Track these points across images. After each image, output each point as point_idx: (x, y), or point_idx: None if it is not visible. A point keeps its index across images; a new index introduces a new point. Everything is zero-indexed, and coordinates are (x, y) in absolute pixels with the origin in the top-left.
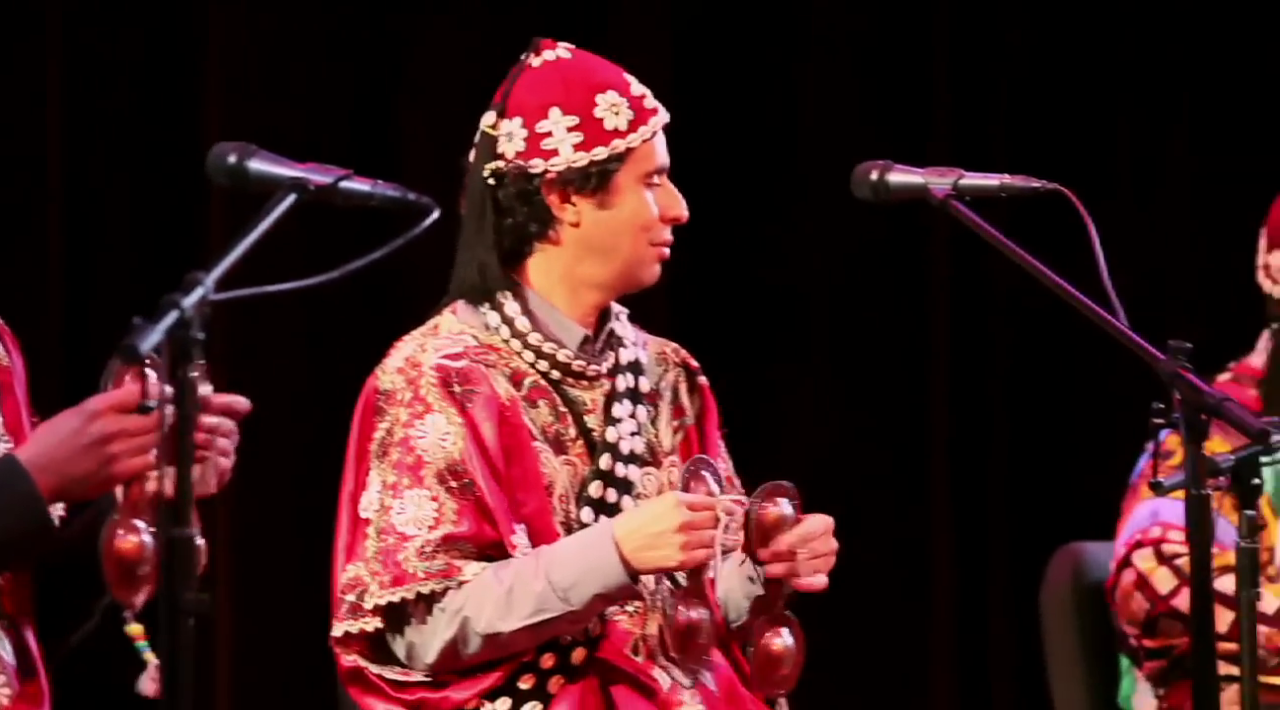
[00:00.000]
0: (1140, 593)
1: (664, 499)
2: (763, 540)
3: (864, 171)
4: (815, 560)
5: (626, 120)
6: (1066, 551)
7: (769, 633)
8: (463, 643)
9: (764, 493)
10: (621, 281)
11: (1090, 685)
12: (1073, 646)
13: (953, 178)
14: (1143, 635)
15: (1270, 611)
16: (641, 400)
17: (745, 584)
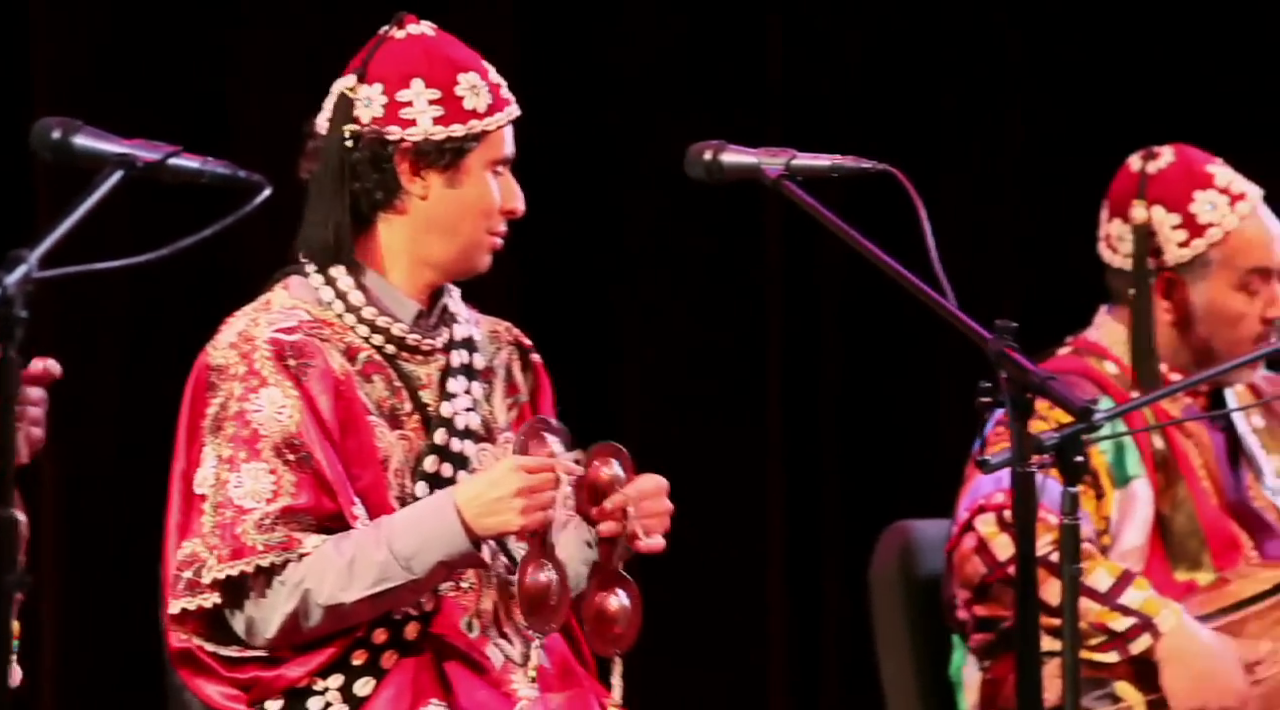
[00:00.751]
0: (979, 557)
1: (502, 464)
2: (595, 501)
3: (697, 152)
4: (649, 519)
5: (486, 103)
6: (895, 529)
7: (604, 592)
8: (304, 616)
9: (595, 453)
10: (458, 264)
11: (918, 661)
12: (901, 623)
13: (785, 158)
14: (974, 600)
15: (1102, 589)
16: (476, 376)
17: (583, 549)
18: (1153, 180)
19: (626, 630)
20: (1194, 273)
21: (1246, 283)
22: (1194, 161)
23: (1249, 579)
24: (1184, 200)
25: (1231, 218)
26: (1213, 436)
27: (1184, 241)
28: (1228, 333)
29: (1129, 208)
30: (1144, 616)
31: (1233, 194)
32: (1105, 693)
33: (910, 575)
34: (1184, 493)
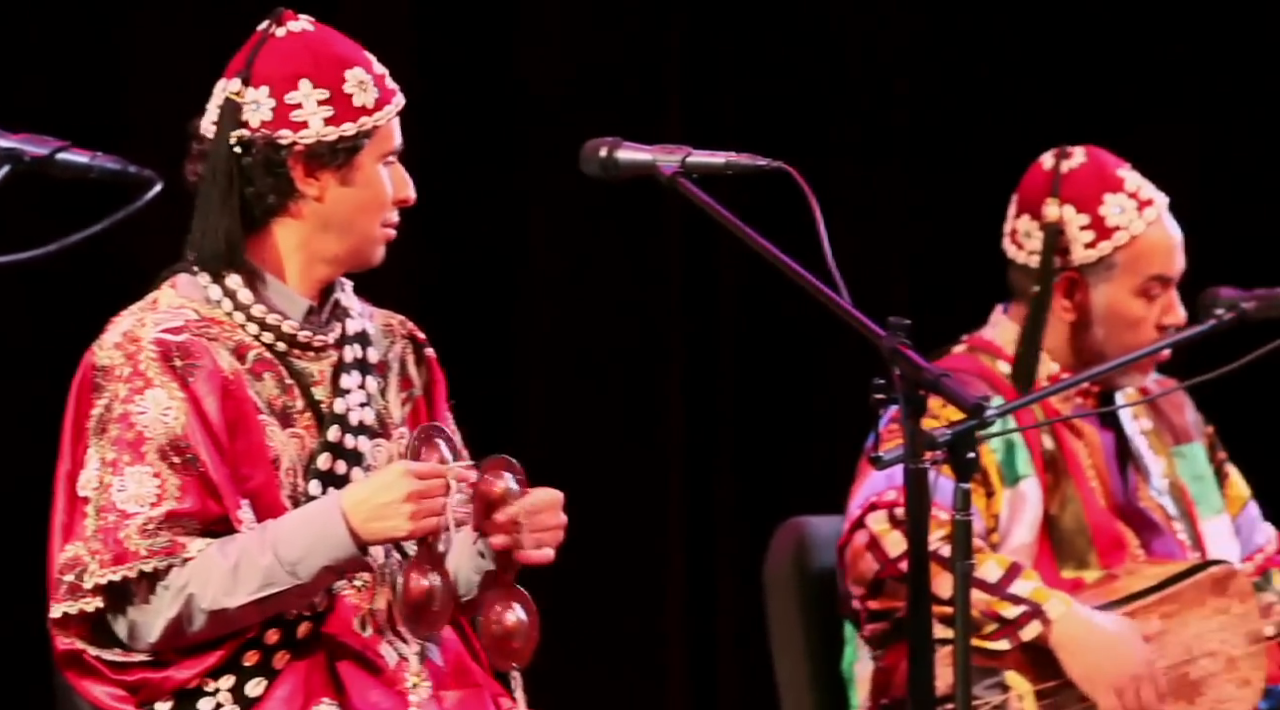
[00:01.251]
0: (871, 553)
1: (392, 468)
2: (487, 513)
3: (593, 148)
4: (542, 533)
5: (373, 98)
6: (790, 526)
7: (499, 606)
8: (187, 620)
9: (488, 466)
10: (353, 259)
11: (812, 656)
12: (795, 619)
13: (680, 155)
14: (868, 596)
15: (992, 580)
16: (370, 371)
17: (475, 558)
18: (1065, 179)
19: (524, 645)
20: (1098, 274)
21: (1147, 288)
22: (1105, 164)
23: (1135, 575)
24: (1094, 202)
25: (1139, 223)
26: (1102, 437)
27: (1091, 242)
28: (1124, 336)
29: (1041, 205)
30: (1033, 604)
31: (1141, 199)
32: (995, 681)
33: (804, 571)
34: (1072, 492)
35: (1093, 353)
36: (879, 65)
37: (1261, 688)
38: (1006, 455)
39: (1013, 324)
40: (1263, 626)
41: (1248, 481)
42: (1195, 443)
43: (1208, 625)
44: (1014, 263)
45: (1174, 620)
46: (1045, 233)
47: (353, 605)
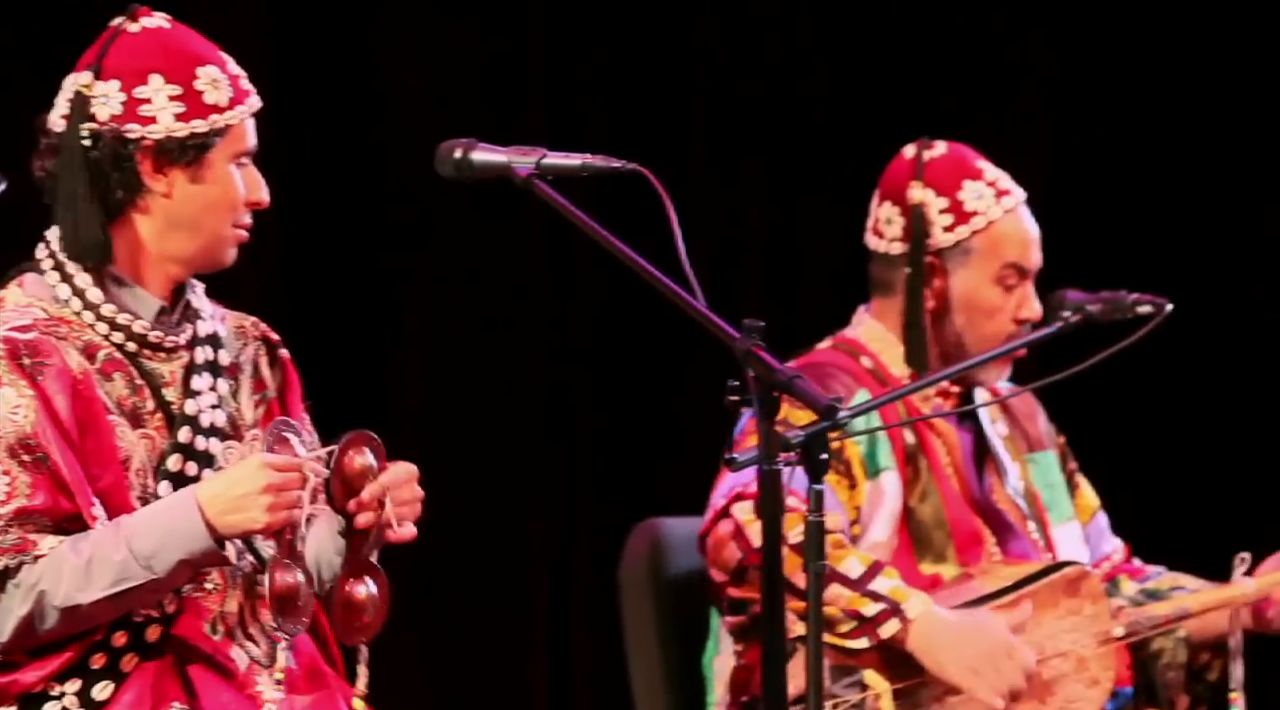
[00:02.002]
0: (735, 542)
1: (248, 462)
2: (347, 490)
3: (447, 150)
4: (401, 508)
5: (227, 97)
6: (645, 527)
7: (352, 581)
8: (39, 618)
9: (346, 442)
10: (203, 259)
11: (666, 656)
12: (650, 619)
13: (536, 157)
14: (730, 583)
15: (853, 576)
16: (222, 373)
17: (337, 541)
18: (928, 166)
19: (374, 619)
20: (955, 260)
21: (1003, 277)
22: (966, 155)
23: (991, 575)
24: (954, 187)
25: (996, 209)
26: (961, 436)
27: (950, 226)
28: (981, 326)
29: (904, 191)
30: (893, 602)
31: (999, 188)
32: (854, 680)
33: (660, 572)
34: (931, 486)
35: (952, 344)
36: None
37: (1109, 688)
38: (870, 448)
39: (876, 322)
40: (1113, 627)
41: (1095, 489)
42: (1048, 451)
43: (1060, 625)
44: (875, 254)
45: (1028, 620)
46: (912, 216)
47: (203, 607)
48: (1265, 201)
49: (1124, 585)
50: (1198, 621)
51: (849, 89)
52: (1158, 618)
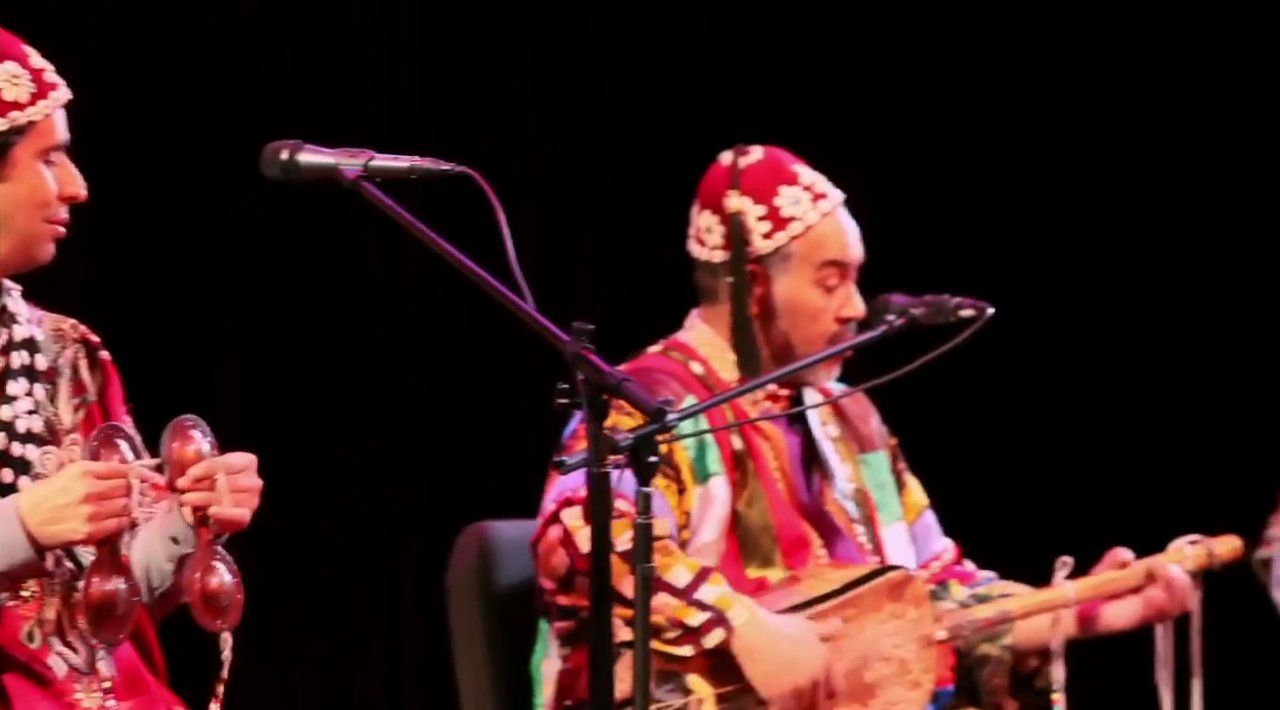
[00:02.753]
0: (564, 549)
1: (70, 469)
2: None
3: (273, 151)
4: (239, 495)
5: (28, 93)
6: (473, 531)
7: (204, 571)
8: None
9: (176, 429)
10: (17, 258)
11: (493, 659)
12: (477, 622)
13: (364, 159)
14: (558, 591)
15: (680, 585)
16: (39, 378)
17: (168, 546)
18: (744, 174)
19: (231, 605)
20: (776, 266)
21: (824, 278)
22: (782, 160)
23: (818, 578)
24: (770, 194)
25: (813, 213)
26: (789, 440)
27: (768, 233)
28: (805, 328)
29: (722, 199)
30: (718, 611)
31: (815, 192)
32: (677, 685)
33: (487, 576)
34: (759, 491)
35: (779, 346)
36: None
37: (931, 690)
38: (699, 453)
39: (705, 326)
40: (934, 631)
41: (927, 490)
42: (880, 452)
43: (884, 629)
44: (699, 261)
45: (853, 624)
46: (731, 224)
47: (20, 615)
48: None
49: (954, 590)
50: (1023, 628)
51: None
52: (979, 621)
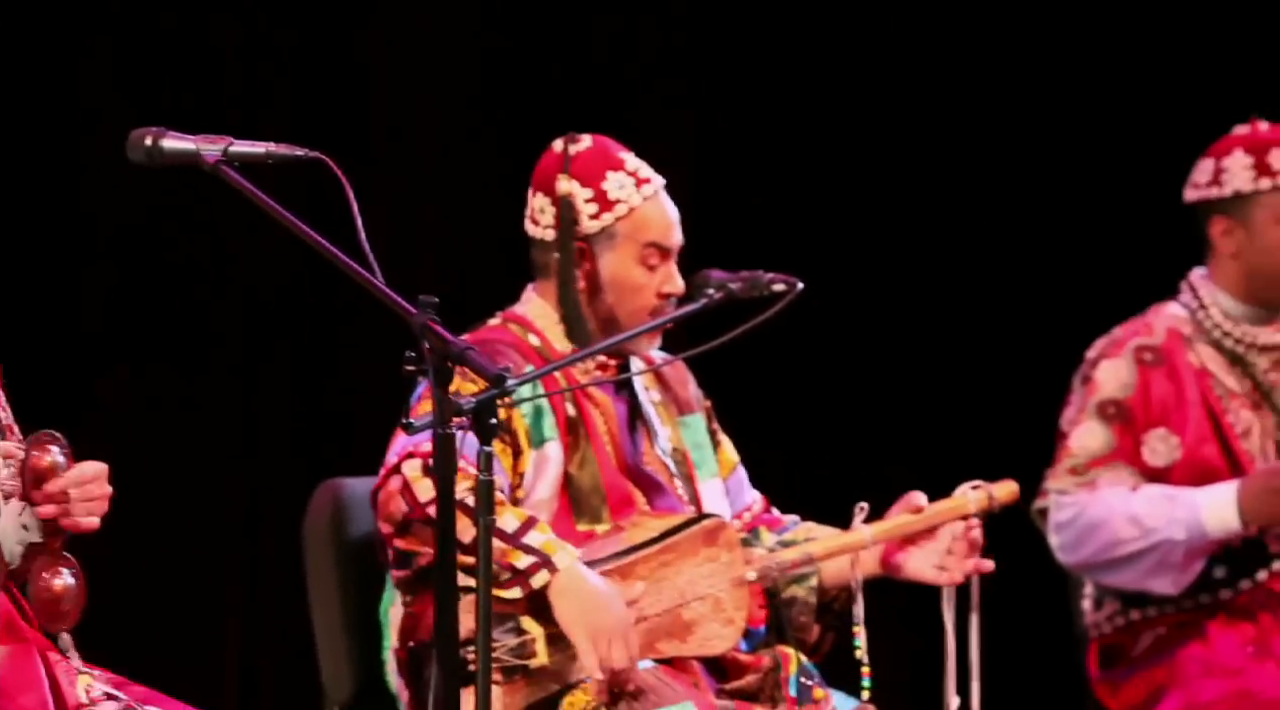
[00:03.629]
0: (402, 497)
1: None
2: (37, 485)
3: (138, 137)
4: (90, 503)
5: None
6: (327, 486)
7: (48, 573)
8: None
9: (34, 441)
10: None
11: (346, 605)
12: (331, 571)
13: (223, 145)
14: (395, 535)
15: (509, 530)
16: None
17: (19, 531)
18: (574, 160)
19: (73, 608)
20: (602, 244)
21: (645, 257)
22: (609, 148)
23: (640, 527)
24: (598, 178)
25: (637, 197)
26: (617, 405)
27: (595, 214)
28: (629, 302)
29: (553, 183)
30: (543, 555)
31: (640, 178)
32: (512, 626)
33: (340, 528)
34: (590, 455)
35: (605, 320)
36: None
37: (743, 626)
38: (535, 419)
39: (540, 300)
40: (745, 572)
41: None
42: (697, 414)
43: (699, 571)
44: (534, 240)
45: (671, 567)
46: (560, 206)
47: None
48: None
49: (764, 535)
50: (828, 569)
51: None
52: (786, 562)
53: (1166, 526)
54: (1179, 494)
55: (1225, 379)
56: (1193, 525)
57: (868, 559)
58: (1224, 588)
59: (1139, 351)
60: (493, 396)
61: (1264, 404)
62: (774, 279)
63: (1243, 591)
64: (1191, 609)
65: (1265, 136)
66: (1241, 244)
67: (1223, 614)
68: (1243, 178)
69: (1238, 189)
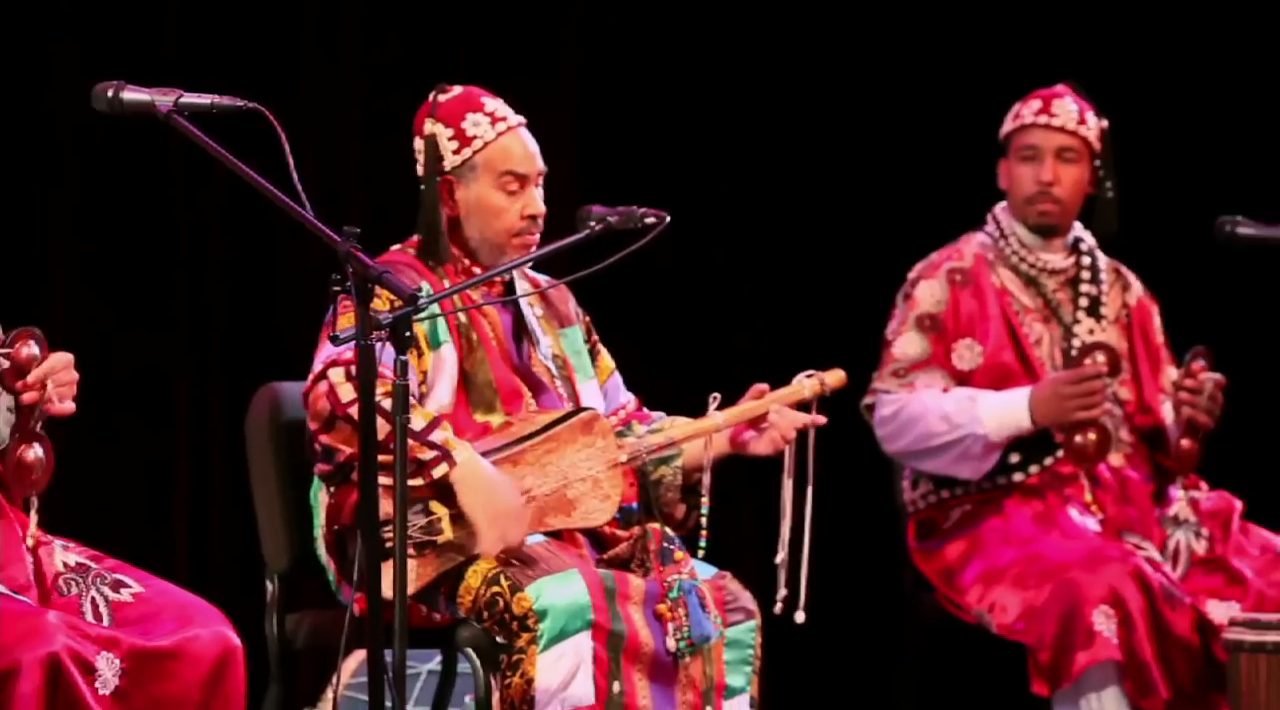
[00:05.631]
0: (327, 398)
1: None
2: (19, 375)
3: (102, 89)
4: (61, 388)
5: None
6: (266, 389)
7: (24, 447)
8: None
9: (17, 336)
10: None
11: (283, 492)
12: (270, 462)
13: (175, 96)
14: (321, 430)
15: (417, 429)
16: None
17: (5, 415)
18: (440, 106)
19: (41, 477)
20: (463, 176)
21: (504, 184)
22: (474, 94)
23: (527, 422)
24: (459, 119)
25: (491, 132)
26: (502, 317)
27: (456, 150)
28: (494, 223)
29: (423, 126)
30: (444, 449)
31: (496, 117)
32: (421, 508)
33: (277, 424)
34: (481, 355)
35: (478, 241)
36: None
37: (618, 501)
38: (430, 327)
39: None
40: (619, 456)
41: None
42: (575, 326)
43: (579, 456)
44: (420, 177)
45: (555, 454)
46: (425, 145)
47: None
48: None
49: (635, 428)
50: (690, 451)
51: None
52: (652, 445)
53: (970, 423)
54: (981, 395)
55: (1021, 297)
56: (991, 422)
57: (720, 440)
58: (1018, 472)
59: (950, 273)
60: (408, 314)
61: (1053, 318)
62: (646, 213)
63: (1032, 475)
64: (991, 489)
65: (1040, 91)
66: (1008, 180)
67: (1017, 493)
68: (1007, 123)
69: (1003, 133)
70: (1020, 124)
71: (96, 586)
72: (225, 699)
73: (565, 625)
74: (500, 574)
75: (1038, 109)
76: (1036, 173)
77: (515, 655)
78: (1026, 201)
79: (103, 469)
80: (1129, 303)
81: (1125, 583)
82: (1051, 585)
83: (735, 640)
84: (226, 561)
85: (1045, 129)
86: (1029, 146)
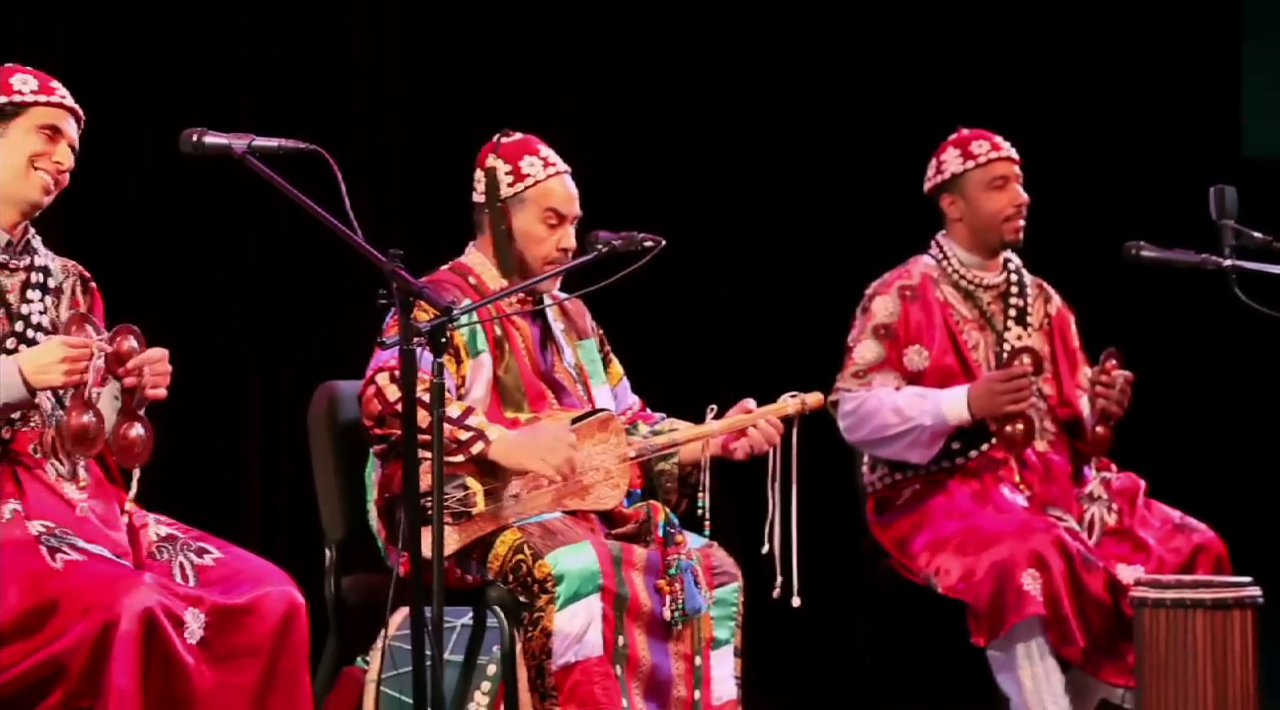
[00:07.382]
0: (378, 400)
1: (50, 341)
2: (120, 363)
3: (188, 135)
4: (157, 377)
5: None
6: (325, 386)
7: (126, 425)
8: None
9: (118, 331)
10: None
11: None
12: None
13: (248, 140)
14: (375, 426)
15: (455, 415)
16: (49, 292)
17: (113, 402)
18: (503, 146)
19: (143, 452)
20: (515, 206)
21: (546, 218)
22: (531, 141)
23: (551, 418)
24: (517, 158)
25: (542, 173)
26: (531, 329)
27: (511, 183)
28: (533, 250)
29: (485, 160)
30: (479, 431)
31: (547, 162)
32: (459, 483)
33: (334, 417)
34: (512, 363)
35: (519, 262)
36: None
37: (626, 489)
38: (470, 337)
39: (478, 253)
40: (628, 451)
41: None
42: (591, 339)
43: (595, 449)
44: (474, 204)
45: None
46: (487, 176)
47: (28, 436)
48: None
49: (640, 428)
50: (686, 451)
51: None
52: (657, 445)
53: (918, 416)
54: (928, 393)
55: (961, 309)
56: (936, 415)
57: (714, 445)
58: (959, 456)
59: (902, 290)
60: (443, 323)
61: (987, 327)
62: (645, 238)
63: (971, 458)
64: (936, 471)
65: (966, 136)
66: (962, 210)
67: (959, 474)
68: (955, 164)
69: (954, 172)
70: (986, 159)
71: (184, 553)
72: (291, 648)
73: (579, 588)
74: (524, 543)
75: (989, 147)
76: (1012, 197)
77: (536, 613)
78: (1005, 221)
79: (189, 453)
80: (1050, 312)
81: (1049, 549)
82: (987, 552)
83: (721, 599)
84: (292, 532)
85: (1006, 161)
86: (999, 176)
